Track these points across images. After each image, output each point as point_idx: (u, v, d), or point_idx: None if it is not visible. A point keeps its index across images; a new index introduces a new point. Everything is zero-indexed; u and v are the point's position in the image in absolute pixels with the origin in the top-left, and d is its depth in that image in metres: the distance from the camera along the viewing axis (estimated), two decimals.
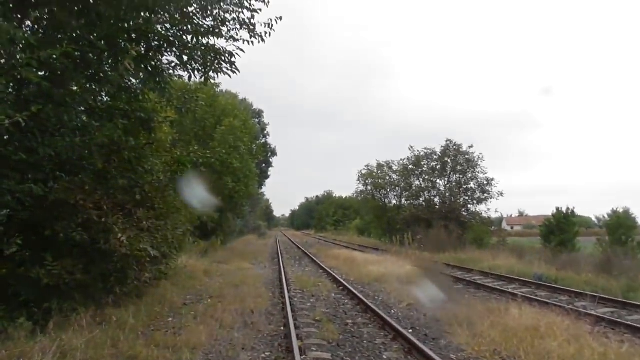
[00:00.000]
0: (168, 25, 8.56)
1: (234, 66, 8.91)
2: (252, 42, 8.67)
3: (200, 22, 8.70)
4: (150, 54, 8.28)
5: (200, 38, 8.82)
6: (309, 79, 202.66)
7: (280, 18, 8.67)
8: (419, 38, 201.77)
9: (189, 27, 8.66)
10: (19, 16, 6.09)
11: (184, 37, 8.71)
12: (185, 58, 8.97)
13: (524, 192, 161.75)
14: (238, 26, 8.62)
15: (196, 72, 9.22)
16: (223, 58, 8.94)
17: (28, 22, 6.34)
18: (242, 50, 8.74)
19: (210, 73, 9.24)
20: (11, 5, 5.94)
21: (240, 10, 8.60)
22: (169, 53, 8.69)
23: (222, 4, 8.69)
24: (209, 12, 8.68)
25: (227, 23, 8.60)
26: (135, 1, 6.87)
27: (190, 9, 8.57)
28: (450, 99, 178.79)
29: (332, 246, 39.01)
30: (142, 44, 7.99)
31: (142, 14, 7.71)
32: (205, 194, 16.22)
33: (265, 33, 8.65)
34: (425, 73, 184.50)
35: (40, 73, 5.80)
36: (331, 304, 12.01)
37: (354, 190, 47.54)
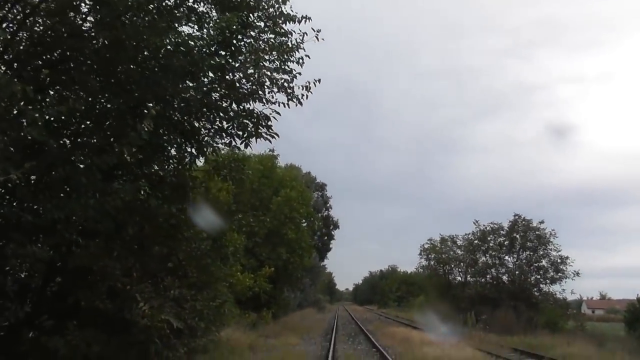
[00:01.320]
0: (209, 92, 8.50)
1: (271, 130, 8.66)
2: (289, 104, 8.44)
3: (240, 88, 8.60)
4: (185, 118, 8.17)
5: (240, 104, 8.70)
6: (375, 154, 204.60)
7: (319, 81, 8.44)
8: (487, 113, 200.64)
9: (230, 93, 8.57)
10: (31, 73, 6.16)
11: (223, 103, 8.60)
12: (225, 124, 8.83)
13: (606, 274, 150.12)
14: (275, 89, 8.43)
15: (236, 138, 9.05)
16: (262, 122, 8.73)
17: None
18: (278, 113, 8.51)
19: (251, 139, 9.04)
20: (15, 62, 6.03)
21: (279, 74, 8.45)
22: (206, 119, 8.58)
23: (263, 70, 8.58)
24: (249, 78, 8.59)
25: (266, 86, 8.44)
26: (162, 65, 6.78)
27: (231, 77, 8.52)
28: (522, 175, 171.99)
29: (391, 323, 37.34)
30: (179, 109, 7.90)
31: (180, 81, 7.66)
32: None
33: (303, 95, 8.43)
34: (492, 148, 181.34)
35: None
36: None
37: (417, 265, 45.74)
